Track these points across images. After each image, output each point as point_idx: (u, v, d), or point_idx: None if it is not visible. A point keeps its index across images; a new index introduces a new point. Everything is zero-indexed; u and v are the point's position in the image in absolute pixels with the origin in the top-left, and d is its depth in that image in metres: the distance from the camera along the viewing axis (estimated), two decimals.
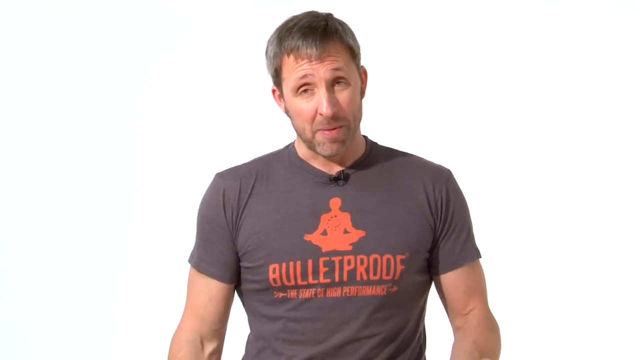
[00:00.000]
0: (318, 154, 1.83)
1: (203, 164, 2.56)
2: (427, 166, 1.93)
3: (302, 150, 1.88)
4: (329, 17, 1.82)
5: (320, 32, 1.77)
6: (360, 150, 1.89)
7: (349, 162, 1.87)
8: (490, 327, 1.91)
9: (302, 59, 1.76)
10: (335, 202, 1.84)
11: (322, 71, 1.76)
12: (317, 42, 1.76)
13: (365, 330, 1.82)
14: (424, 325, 1.96)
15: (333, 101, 1.77)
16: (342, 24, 1.82)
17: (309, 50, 1.76)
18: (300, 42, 1.76)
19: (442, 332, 2.26)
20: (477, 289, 1.94)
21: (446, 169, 1.94)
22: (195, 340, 1.88)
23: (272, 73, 1.84)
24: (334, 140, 1.79)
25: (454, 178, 1.94)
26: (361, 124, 1.88)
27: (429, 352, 1.97)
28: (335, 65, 1.77)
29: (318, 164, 1.87)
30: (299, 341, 1.83)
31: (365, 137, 1.93)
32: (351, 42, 1.81)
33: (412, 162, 1.93)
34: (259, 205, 1.85)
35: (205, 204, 1.90)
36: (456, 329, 1.93)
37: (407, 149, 1.97)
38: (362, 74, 1.86)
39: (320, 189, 1.85)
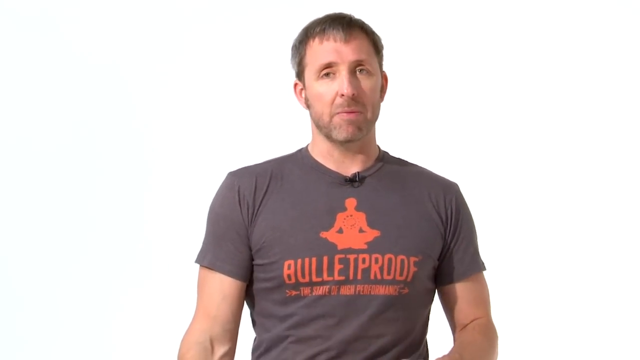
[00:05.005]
0: (334, 140, 1.85)
1: (216, 165, 2.55)
2: (436, 178, 1.98)
3: (316, 153, 1.91)
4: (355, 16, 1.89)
5: (347, 21, 1.85)
6: (373, 155, 1.92)
7: (363, 166, 1.90)
8: (484, 332, 1.91)
9: (328, 39, 1.82)
10: (350, 202, 1.85)
11: (345, 53, 1.82)
12: (344, 27, 1.83)
13: (374, 329, 1.82)
14: (427, 341, 1.97)
15: (355, 84, 1.81)
16: (368, 25, 1.89)
17: (334, 32, 1.82)
18: (326, 26, 1.83)
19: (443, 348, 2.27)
20: (481, 300, 1.96)
21: (454, 182, 1.99)
22: (204, 342, 1.85)
23: (296, 62, 1.88)
24: (350, 123, 1.81)
25: (461, 192, 1.99)
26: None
27: None
28: (359, 52, 1.82)
29: (333, 166, 1.89)
30: (310, 337, 1.82)
31: (378, 145, 1.96)
32: (376, 39, 1.88)
33: (422, 173, 1.98)
34: (274, 202, 1.86)
35: (219, 202, 1.90)
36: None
37: (412, 160, 2.01)
38: (383, 78, 1.91)
39: (335, 189, 1.87)
